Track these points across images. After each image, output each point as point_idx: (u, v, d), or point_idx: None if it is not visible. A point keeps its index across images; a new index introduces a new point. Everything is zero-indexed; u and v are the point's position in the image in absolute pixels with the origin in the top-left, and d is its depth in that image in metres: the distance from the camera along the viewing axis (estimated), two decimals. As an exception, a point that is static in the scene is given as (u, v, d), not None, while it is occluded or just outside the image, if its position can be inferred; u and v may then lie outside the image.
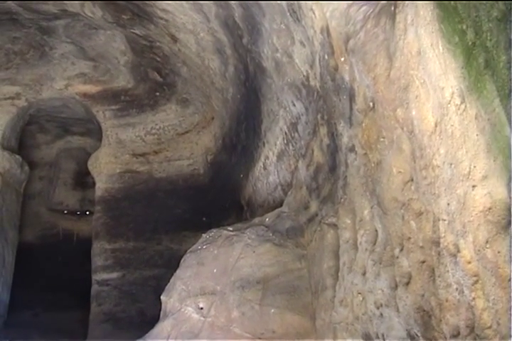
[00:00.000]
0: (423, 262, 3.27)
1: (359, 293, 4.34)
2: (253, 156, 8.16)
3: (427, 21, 2.80)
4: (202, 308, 5.69)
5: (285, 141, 6.71)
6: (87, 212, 13.43)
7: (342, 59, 4.18)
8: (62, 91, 11.39)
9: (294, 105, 6.11)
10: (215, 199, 10.29)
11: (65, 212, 13.88)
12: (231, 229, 6.47)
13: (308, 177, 5.72)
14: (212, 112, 10.31)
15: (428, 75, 2.89)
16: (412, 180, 3.34)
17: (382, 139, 3.67)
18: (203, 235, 6.59)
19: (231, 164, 9.53)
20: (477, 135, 2.51)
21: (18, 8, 9.46)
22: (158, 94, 11.07)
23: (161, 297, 6.17)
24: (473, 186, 2.58)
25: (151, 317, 7.47)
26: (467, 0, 2.39)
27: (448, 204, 2.83)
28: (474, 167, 2.56)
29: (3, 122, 11.04)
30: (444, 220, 2.89)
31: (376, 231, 4.05)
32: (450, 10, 2.53)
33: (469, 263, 2.67)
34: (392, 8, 3.30)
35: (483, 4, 2.22)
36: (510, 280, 2.39)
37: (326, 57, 4.59)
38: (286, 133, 6.60)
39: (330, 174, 5.07)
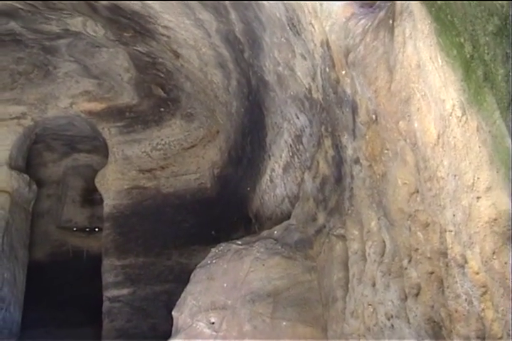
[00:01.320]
0: (431, 273, 3.27)
1: (369, 305, 4.34)
2: (259, 169, 8.19)
3: (425, 35, 2.82)
4: (213, 323, 5.69)
5: (290, 154, 6.73)
6: (96, 229, 13.46)
7: (343, 72, 4.21)
8: (67, 109, 11.45)
9: (298, 118, 6.14)
10: (223, 213, 10.30)
11: (74, 229, 13.92)
12: (240, 242, 6.47)
13: (314, 189, 5.73)
14: (217, 126, 10.35)
15: (428, 88, 2.91)
16: (418, 191, 3.35)
17: (386, 151, 3.68)
18: (212, 249, 6.59)
19: (238, 177, 9.55)
20: (479, 147, 2.52)
21: (21, 28, 9.56)
22: (162, 109, 11.12)
23: (172, 312, 6.17)
24: (478, 197, 2.59)
25: (164, 333, 7.47)
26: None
27: (454, 215, 2.84)
28: (478, 178, 2.57)
29: (10, 142, 11.10)
30: (451, 231, 2.90)
31: (384, 242, 4.06)
32: (447, 23, 2.55)
33: (477, 274, 2.68)
34: (391, 22, 3.32)
35: (478, 19, 2.24)
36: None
37: (327, 70, 4.62)
38: (291, 145, 6.63)
39: (336, 185, 5.08)
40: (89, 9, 8.62)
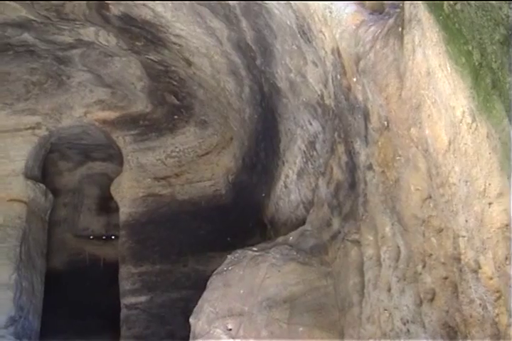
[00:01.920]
0: (446, 278, 3.29)
1: (385, 310, 4.35)
2: (273, 175, 8.21)
3: (434, 43, 2.84)
4: (230, 329, 5.71)
5: (304, 160, 6.75)
6: (113, 237, 13.50)
7: (354, 79, 4.24)
8: (81, 118, 11.48)
9: (311, 124, 6.16)
10: (238, 219, 10.30)
11: (91, 237, 13.98)
12: (255, 249, 6.49)
13: (329, 195, 5.75)
14: (231, 132, 10.38)
15: (439, 95, 2.93)
16: (430, 197, 3.37)
17: (398, 157, 3.71)
18: (228, 256, 6.61)
19: (252, 183, 9.57)
20: (490, 153, 2.55)
21: (34, 39, 9.66)
22: (176, 117, 11.14)
23: (190, 319, 6.19)
24: (490, 203, 2.61)
25: (181, 339, 7.51)
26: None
27: (466, 221, 2.86)
28: (489, 184, 2.59)
29: (26, 152, 11.16)
30: (464, 237, 2.92)
31: (398, 247, 4.08)
32: (455, 32, 2.58)
33: (491, 279, 2.69)
34: (400, 29, 3.35)
35: (485, 28, 2.27)
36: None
37: (339, 77, 4.65)
38: (304, 151, 6.65)
39: (350, 191, 5.10)
40: (101, 19, 8.70)
